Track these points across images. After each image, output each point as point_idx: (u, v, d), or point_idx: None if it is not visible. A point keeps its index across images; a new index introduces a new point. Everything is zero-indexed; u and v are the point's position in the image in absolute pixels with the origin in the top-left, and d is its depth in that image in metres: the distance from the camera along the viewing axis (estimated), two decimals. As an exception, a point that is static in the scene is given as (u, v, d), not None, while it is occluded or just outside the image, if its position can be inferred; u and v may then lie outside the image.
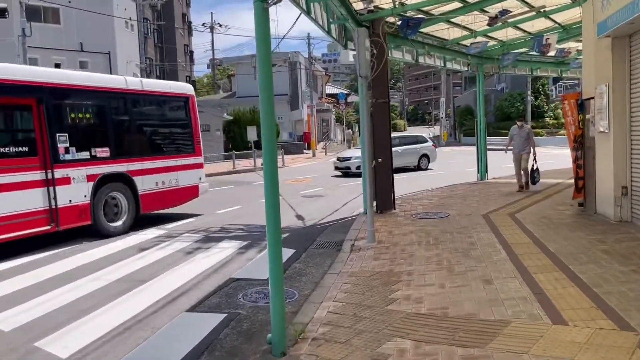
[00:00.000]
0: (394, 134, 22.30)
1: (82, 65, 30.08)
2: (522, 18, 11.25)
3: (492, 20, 10.38)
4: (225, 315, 4.94)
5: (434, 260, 6.27)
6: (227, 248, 8.05)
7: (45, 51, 28.48)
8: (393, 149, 18.61)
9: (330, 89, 59.30)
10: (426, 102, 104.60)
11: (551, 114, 38.76)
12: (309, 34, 35.61)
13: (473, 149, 36.38)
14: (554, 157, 24.29)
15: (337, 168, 20.33)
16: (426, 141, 22.10)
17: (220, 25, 50.48)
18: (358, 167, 17.95)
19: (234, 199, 14.17)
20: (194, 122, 11.53)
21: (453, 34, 12.37)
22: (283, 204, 12.87)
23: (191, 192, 11.39)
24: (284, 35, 25.94)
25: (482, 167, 15.30)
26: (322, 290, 5.47)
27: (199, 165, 11.71)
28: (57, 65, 29.12)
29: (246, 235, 9.23)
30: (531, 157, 11.87)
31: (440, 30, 11.99)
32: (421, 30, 11.03)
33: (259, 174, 22.20)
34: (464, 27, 11.65)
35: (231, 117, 32.26)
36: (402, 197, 11.99)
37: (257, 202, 13.12)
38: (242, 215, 11.46)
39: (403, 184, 15.24)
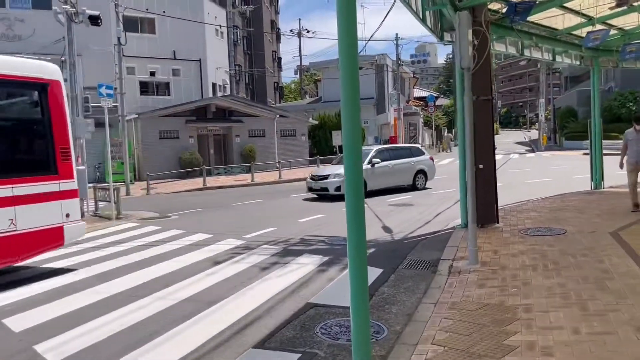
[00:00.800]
0: (380, 146, 19.87)
1: (175, 73, 31.02)
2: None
3: (621, 2, 8.76)
4: (299, 356, 4.07)
5: (557, 292, 5.01)
6: (307, 264, 7.22)
7: (141, 60, 29.65)
8: (379, 164, 15.89)
9: (418, 92, 57.52)
10: (520, 104, 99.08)
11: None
12: (397, 34, 34.32)
13: (576, 153, 33.44)
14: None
15: (310, 189, 15.83)
16: (422, 153, 18.08)
17: (308, 31, 50.55)
18: (338, 189, 14.43)
19: (316, 207, 13.41)
20: (58, 122, 7.29)
21: (567, 21, 10.77)
22: (368, 214, 11.98)
23: (46, 239, 7.08)
24: (377, 27, 24.97)
25: (597, 175, 13.39)
26: (416, 326, 4.45)
27: (66, 194, 7.30)
28: (152, 74, 30.30)
29: (328, 249, 8.36)
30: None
31: (552, 17, 10.45)
32: (528, 18, 9.63)
33: (344, 180, 21.39)
34: (582, 14, 10.05)
35: (316, 122, 31.83)
36: (504, 208, 10.58)
37: (341, 210, 12.26)
38: (324, 224, 10.65)
39: (502, 192, 13.71)
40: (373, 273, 6.36)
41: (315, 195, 15.67)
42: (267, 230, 10.13)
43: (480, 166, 8.57)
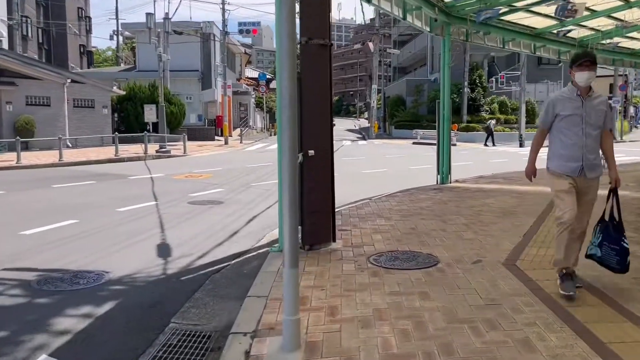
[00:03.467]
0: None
1: None
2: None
3: None
4: None
5: None
6: None
7: None
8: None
9: (252, 73, 54.02)
10: (351, 93, 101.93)
11: (487, 108, 36.20)
12: (223, -1, 29.89)
13: (406, 142, 33.17)
14: (518, 157, 21.06)
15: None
16: None
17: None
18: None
19: (76, 206, 9.06)
20: None
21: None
22: (150, 219, 8.13)
23: None
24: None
25: (445, 167, 11.25)
26: None
27: None
28: None
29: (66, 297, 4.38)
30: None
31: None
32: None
33: (150, 165, 17.01)
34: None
35: (123, 92, 26.45)
36: (341, 212, 7.61)
37: (116, 213, 8.20)
38: (71, 239, 6.52)
39: (336, 187, 10.98)
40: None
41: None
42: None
43: (311, 152, 5.30)
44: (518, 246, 5.39)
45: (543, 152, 4.22)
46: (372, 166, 16.50)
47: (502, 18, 12.36)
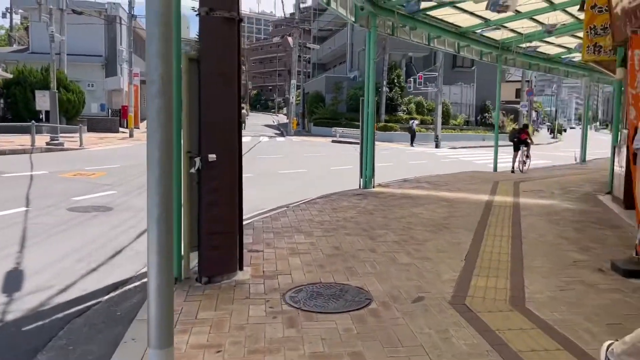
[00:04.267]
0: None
1: None
2: None
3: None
4: None
5: None
6: None
7: None
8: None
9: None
10: (270, 88, 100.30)
11: (405, 108, 36.35)
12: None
13: (326, 140, 32.39)
14: (437, 159, 20.79)
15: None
16: None
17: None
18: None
19: None
20: None
21: None
22: (10, 232, 6.34)
23: None
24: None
25: (368, 170, 10.39)
26: None
27: None
28: None
29: None
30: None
31: None
32: None
33: (35, 159, 14.78)
34: None
35: (10, 75, 23.39)
36: (253, 224, 6.49)
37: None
38: None
39: (249, 190, 9.80)
40: None
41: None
42: None
43: (212, 157, 4.10)
44: (463, 275, 4.50)
45: (464, 154, 3.28)
46: (291, 166, 15.40)
47: (428, 13, 11.75)
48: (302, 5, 51.21)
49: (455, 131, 38.55)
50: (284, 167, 14.78)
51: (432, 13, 11.78)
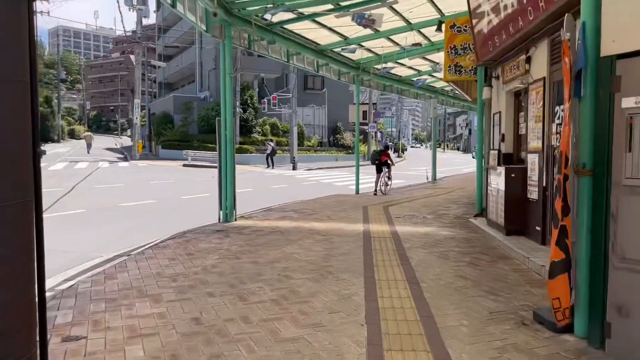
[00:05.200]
0: None
1: None
2: None
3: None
4: None
5: None
6: None
7: None
8: None
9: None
10: (111, 108, 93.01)
11: (260, 129, 35.43)
12: None
13: (176, 164, 29.93)
14: (297, 182, 19.86)
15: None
16: None
17: None
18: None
19: None
20: None
21: None
22: None
23: None
24: None
25: (229, 201, 9.00)
26: None
27: None
28: None
29: None
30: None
31: None
32: None
33: None
34: None
35: None
36: (77, 286, 4.73)
37: None
38: None
39: (73, 235, 7.93)
40: None
41: None
42: None
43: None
44: (370, 351, 3.37)
45: (322, 175, 2.22)
46: (135, 196, 13.32)
47: (288, 27, 10.85)
48: (145, 23, 48.03)
49: (310, 152, 38.65)
50: (127, 199, 12.69)
51: (292, 27, 10.91)
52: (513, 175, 6.86)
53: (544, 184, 6.12)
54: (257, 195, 14.24)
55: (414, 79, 17.82)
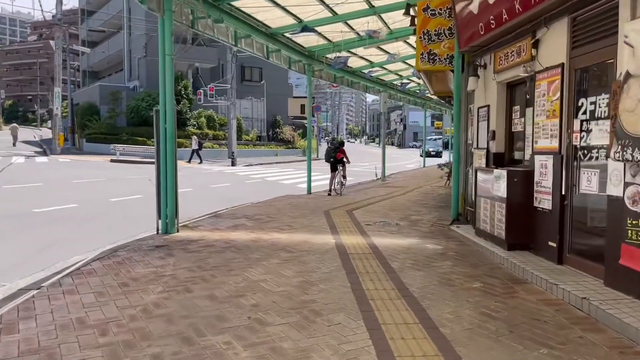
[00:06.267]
0: None
1: None
2: None
3: None
4: None
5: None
6: None
7: None
8: None
9: None
10: (30, 98, 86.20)
11: (195, 122, 33.25)
12: None
13: (103, 159, 27.27)
14: (239, 180, 18.23)
15: None
16: None
17: None
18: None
19: None
20: None
21: None
22: None
23: None
24: None
25: (170, 209, 7.47)
26: None
27: None
28: None
29: None
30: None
31: None
32: None
33: None
34: None
35: None
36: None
37: None
38: None
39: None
40: None
41: None
42: None
43: None
44: None
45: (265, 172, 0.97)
46: (54, 199, 11.36)
47: (236, 4, 9.41)
48: (68, 7, 44.23)
49: (248, 147, 36.99)
50: (43, 202, 10.74)
51: (242, 5, 9.47)
52: (516, 179, 5.85)
53: (562, 192, 5.13)
54: (197, 196, 12.66)
55: (366, 70, 16.79)
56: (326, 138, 78.89)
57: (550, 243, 5.36)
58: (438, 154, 46.43)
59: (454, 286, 4.85)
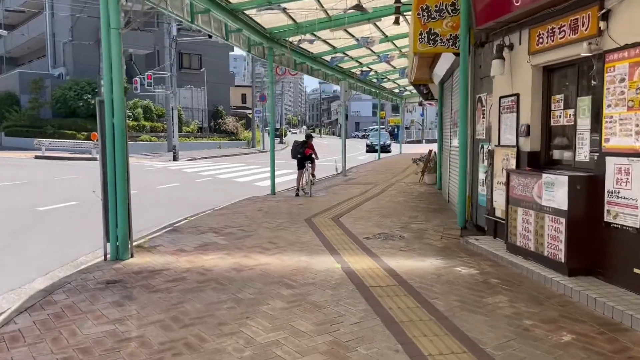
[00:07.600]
0: None
1: None
2: None
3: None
4: None
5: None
6: None
7: None
8: None
9: None
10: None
11: (130, 114, 30.58)
12: None
13: (26, 155, 24.29)
14: (189, 179, 16.26)
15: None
16: None
17: None
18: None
19: None
20: None
21: None
22: None
23: None
24: None
25: (122, 228, 5.77)
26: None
27: None
28: None
29: None
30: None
31: None
32: None
33: None
34: None
35: None
36: None
37: None
38: None
39: None
40: None
41: None
42: None
43: None
44: None
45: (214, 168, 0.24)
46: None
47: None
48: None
49: (189, 139, 34.73)
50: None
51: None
52: (579, 187, 4.66)
53: (659, 206, 3.97)
54: (144, 200, 10.80)
55: (329, 56, 15.36)
56: (267, 128, 76.77)
57: (636, 270, 4.20)
58: (385, 149, 35.91)
59: (539, 340, 3.56)
